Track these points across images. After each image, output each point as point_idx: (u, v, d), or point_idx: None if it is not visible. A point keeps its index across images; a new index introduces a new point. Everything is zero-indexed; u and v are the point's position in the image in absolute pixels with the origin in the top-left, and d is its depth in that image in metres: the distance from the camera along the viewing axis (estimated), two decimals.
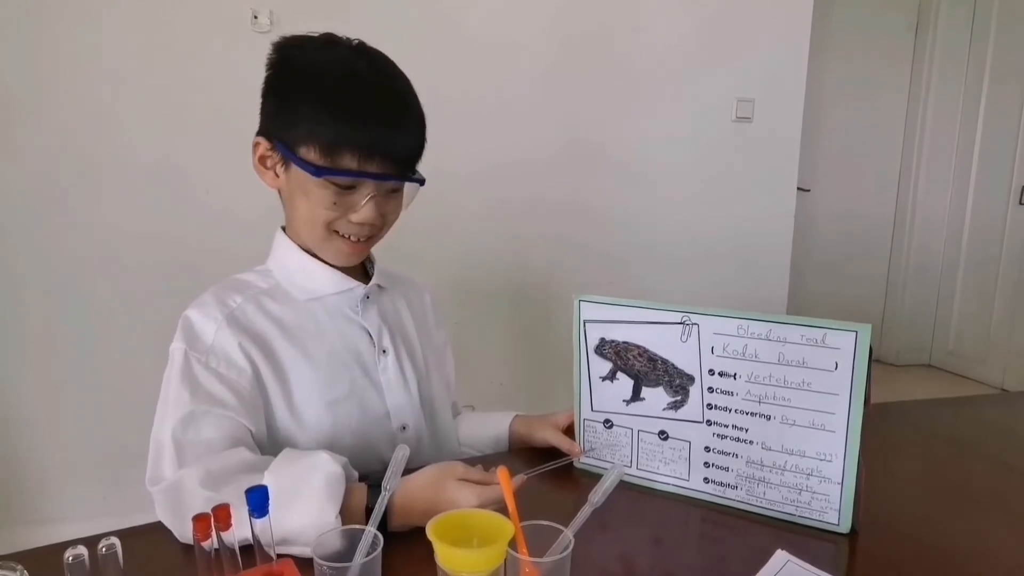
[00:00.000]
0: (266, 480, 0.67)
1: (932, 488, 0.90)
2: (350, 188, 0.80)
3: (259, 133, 0.85)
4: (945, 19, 3.63)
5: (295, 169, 0.80)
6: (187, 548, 0.70)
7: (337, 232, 0.84)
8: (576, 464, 0.90)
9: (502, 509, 0.63)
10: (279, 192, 0.89)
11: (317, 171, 0.78)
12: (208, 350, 0.80)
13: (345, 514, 0.66)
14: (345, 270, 0.90)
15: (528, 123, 2.33)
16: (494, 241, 2.35)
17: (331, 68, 0.81)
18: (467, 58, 2.22)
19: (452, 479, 0.71)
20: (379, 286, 0.93)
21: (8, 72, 1.82)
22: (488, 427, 1.02)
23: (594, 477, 0.79)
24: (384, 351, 0.91)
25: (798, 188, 2.75)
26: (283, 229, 0.92)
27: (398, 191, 0.86)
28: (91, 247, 1.95)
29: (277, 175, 0.84)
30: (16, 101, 1.84)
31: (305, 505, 0.66)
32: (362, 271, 0.95)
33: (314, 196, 0.80)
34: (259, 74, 0.85)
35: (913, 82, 3.77)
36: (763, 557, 0.69)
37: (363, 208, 0.81)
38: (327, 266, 0.88)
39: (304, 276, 0.88)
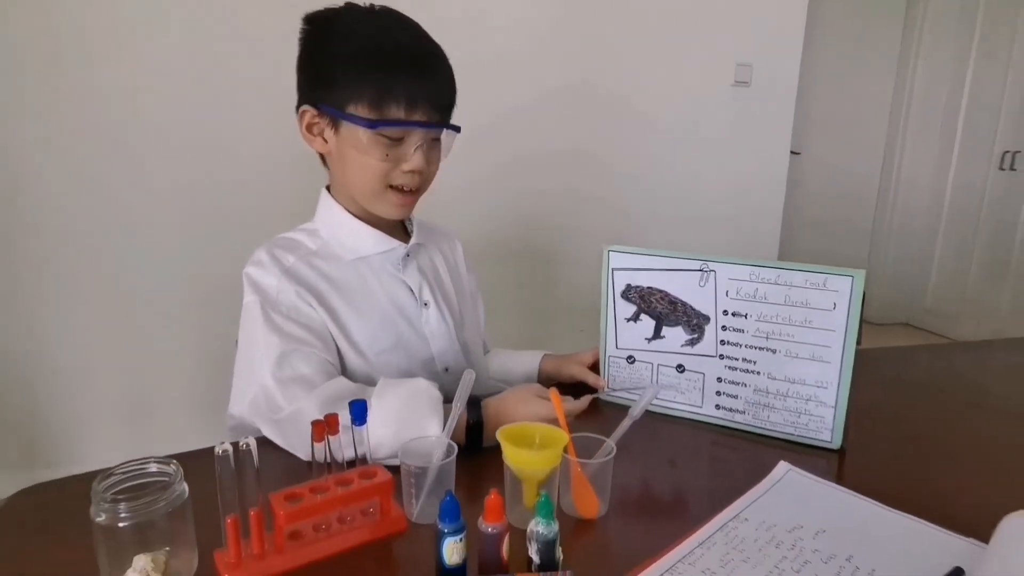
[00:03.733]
0: (373, 403, 0.77)
1: (907, 415, 1.04)
2: (399, 140, 0.87)
3: (301, 103, 0.90)
4: None
5: (345, 129, 0.87)
6: (289, 458, 0.82)
7: (391, 186, 0.91)
8: (601, 397, 1.02)
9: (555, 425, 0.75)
10: (323, 156, 0.96)
11: (371, 124, 0.84)
12: (276, 301, 0.88)
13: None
14: (387, 230, 0.97)
15: (533, 82, 2.39)
16: (499, 196, 2.44)
17: (367, 30, 0.87)
18: (473, 19, 2.27)
19: (534, 396, 0.84)
20: (418, 244, 1.01)
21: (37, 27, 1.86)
22: (519, 364, 1.13)
23: (617, 408, 0.92)
24: (425, 304, 1.00)
25: (790, 151, 2.85)
26: (327, 190, 0.99)
27: (438, 140, 0.92)
28: (119, 206, 2.01)
29: (325, 140, 0.90)
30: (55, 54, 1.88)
31: (414, 425, 0.77)
32: (401, 230, 1.03)
33: (368, 151, 0.87)
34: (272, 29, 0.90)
35: (903, 49, 3.85)
36: (767, 469, 0.81)
37: (414, 156, 0.88)
38: (371, 228, 0.96)
39: (351, 236, 0.96)
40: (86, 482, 0.71)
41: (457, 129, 0.92)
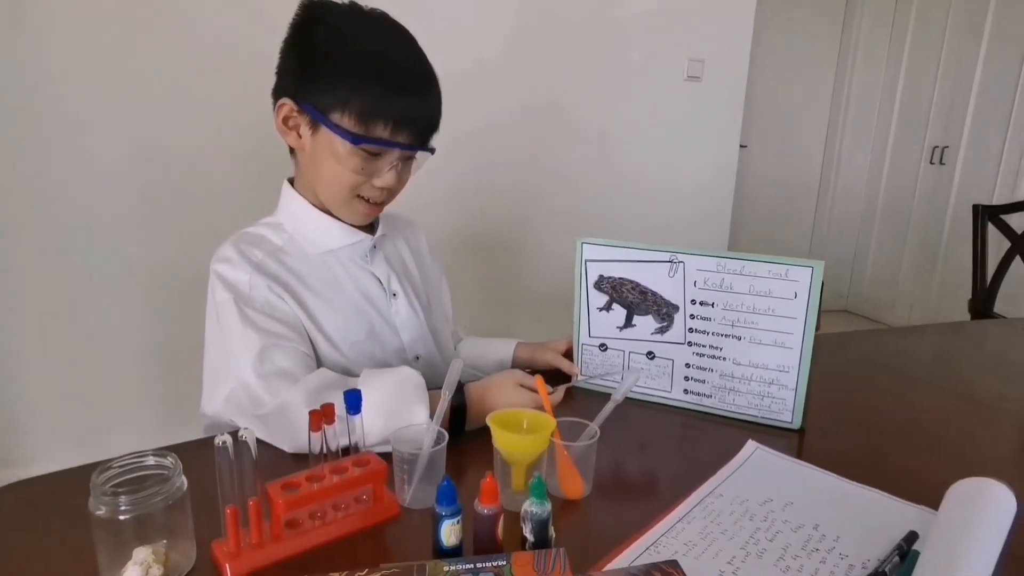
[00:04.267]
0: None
1: (858, 395, 1.11)
2: (377, 155, 0.87)
3: (282, 93, 0.88)
4: None
5: (324, 133, 0.86)
6: (276, 453, 0.82)
7: (359, 195, 0.92)
8: (575, 383, 1.06)
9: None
10: (293, 149, 0.95)
11: (355, 139, 0.84)
12: (249, 297, 0.87)
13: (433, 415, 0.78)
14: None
15: (493, 85, 2.41)
16: (463, 192, 2.45)
17: (366, 40, 0.86)
18: (432, 24, 2.26)
19: (513, 384, 0.87)
20: (383, 235, 1.02)
21: None
22: (492, 352, 1.16)
23: (592, 394, 0.96)
24: (394, 294, 1.01)
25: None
26: (289, 182, 0.98)
27: (412, 158, 0.92)
28: (61, 194, 1.94)
29: (300, 136, 0.89)
30: None
31: (403, 413, 0.78)
32: None
33: (344, 161, 0.87)
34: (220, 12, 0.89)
35: (842, 48, 4.03)
36: (733, 449, 0.87)
37: (387, 174, 0.89)
38: (337, 220, 0.96)
39: (317, 230, 0.95)
40: (68, 478, 0.71)
41: (432, 151, 0.93)
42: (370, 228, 1.02)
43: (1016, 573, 0.61)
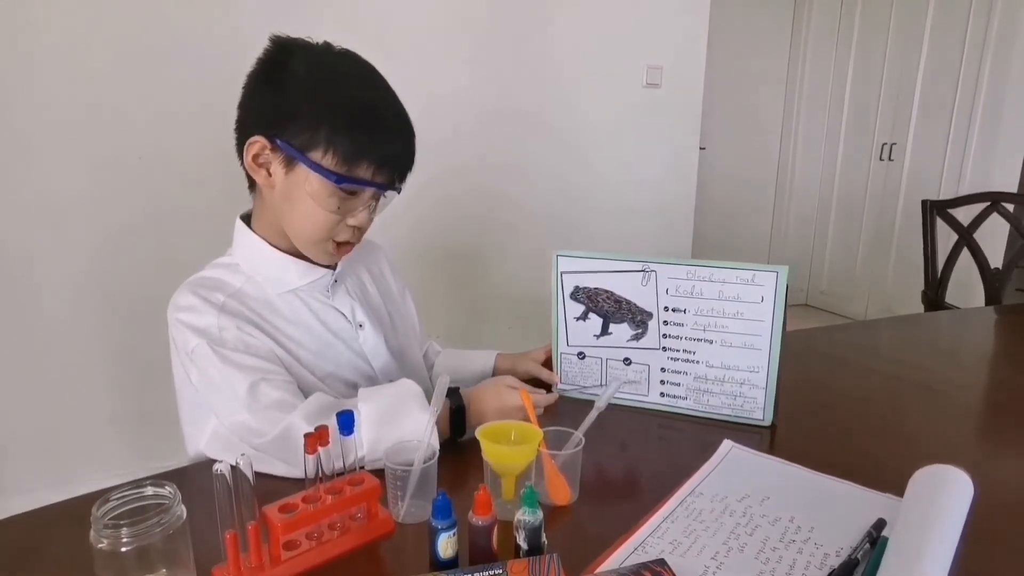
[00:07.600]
0: (361, 408, 0.81)
1: (823, 389, 1.17)
2: (352, 194, 0.86)
3: (252, 130, 0.85)
4: None
5: (300, 171, 0.84)
6: (270, 477, 0.82)
7: (332, 238, 0.90)
8: (555, 390, 1.08)
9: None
10: (253, 187, 0.92)
11: (338, 179, 0.83)
12: (222, 339, 0.85)
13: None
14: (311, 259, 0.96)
15: (454, 93, 2.44)
16: (424, 200, 2.46)
17: (349, 80, 0.86)
18: (399, 32, 2.29)
19: (507, 388, 0.91)
20: (342, 269, 1.01)
21: None
22: (472, 364, 1.17)
23: (573, 401, 1.02)
24: (360, 325, 1.01)
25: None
26: (242, 220, 0.96)
27: (381, 197, 0.91)
28: (31, 220, 1.90)
29: (270, 174, 0.86)
30: None
31: (405, 419, 0.81)
32: None
33: (322, 201, 0.85)
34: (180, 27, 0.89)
35: (792, 51, 4.17)
36: (710, 448, 0.90)
37: (360, 213, 0.88)
38: (295, 259, 0.93)
39: (276, 270, 0.93)
40: (48, 513, 0.71)
41: (400, 191, 0.92)
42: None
43: (975, 552, 0.66)
